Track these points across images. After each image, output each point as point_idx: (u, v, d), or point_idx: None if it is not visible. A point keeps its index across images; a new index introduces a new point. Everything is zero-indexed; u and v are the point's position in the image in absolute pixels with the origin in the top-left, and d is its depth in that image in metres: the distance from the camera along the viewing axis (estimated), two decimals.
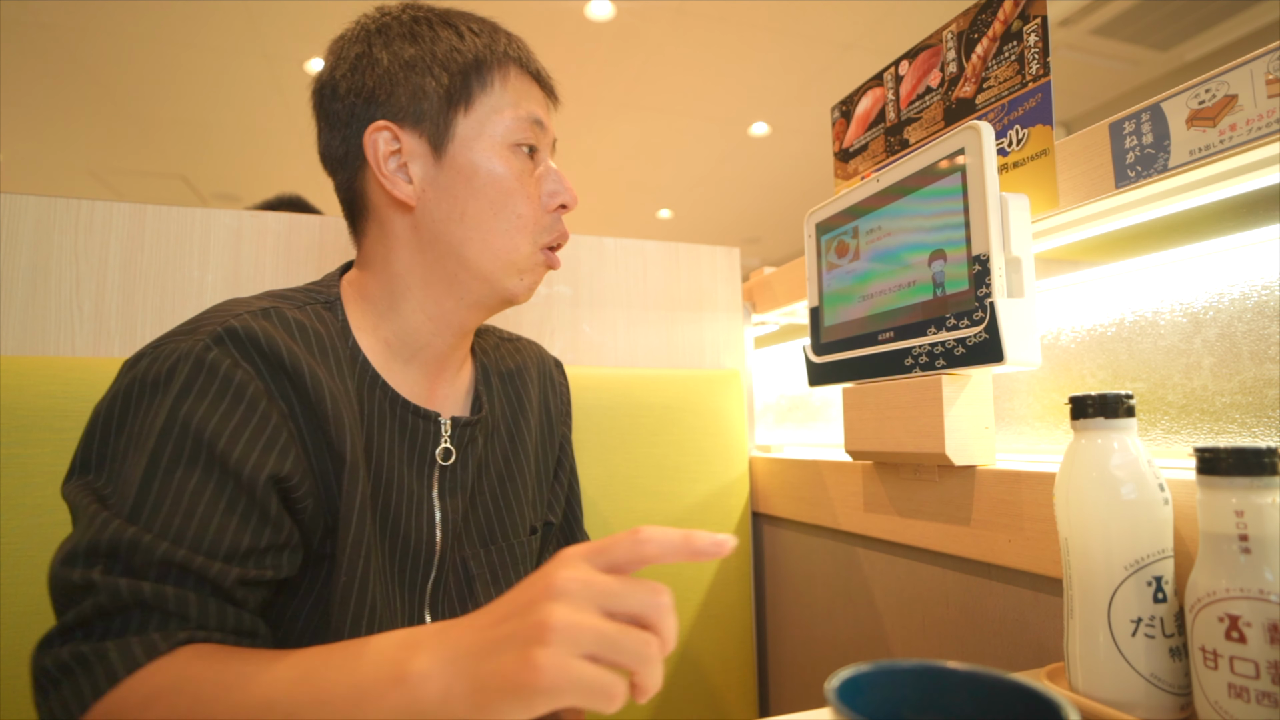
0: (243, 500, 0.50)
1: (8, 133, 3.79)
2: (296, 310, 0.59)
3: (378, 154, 0.60)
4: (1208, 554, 0.41)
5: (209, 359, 0.52)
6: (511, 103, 0.62)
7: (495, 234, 0.61)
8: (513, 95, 0.63)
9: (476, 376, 0.72)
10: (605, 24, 3.03)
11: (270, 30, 2.98)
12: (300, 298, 0.61)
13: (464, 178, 0.61)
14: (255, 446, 0.51)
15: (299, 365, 0.55)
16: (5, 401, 0.73)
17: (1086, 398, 0.48)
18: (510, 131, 0.62)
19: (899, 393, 0.71)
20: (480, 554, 0.67)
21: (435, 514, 0.64)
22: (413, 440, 0.63)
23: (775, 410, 1.27)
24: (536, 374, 0.79)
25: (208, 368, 0.51)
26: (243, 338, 0.54)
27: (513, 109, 0.62)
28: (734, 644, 1.03)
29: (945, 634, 0.73)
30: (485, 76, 0.62)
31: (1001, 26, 0.69)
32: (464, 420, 0.66)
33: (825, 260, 0.84)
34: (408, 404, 0.62)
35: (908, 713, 0.35)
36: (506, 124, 0.62)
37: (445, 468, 0.65)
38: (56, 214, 0.84)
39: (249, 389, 0.52)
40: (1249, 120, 0.49)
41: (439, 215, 0.61)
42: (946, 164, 0.66)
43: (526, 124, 0.63)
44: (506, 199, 0.61)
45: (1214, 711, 0.40)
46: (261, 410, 0.52)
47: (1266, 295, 0.56)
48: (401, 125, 0.60)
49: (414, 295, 0.63)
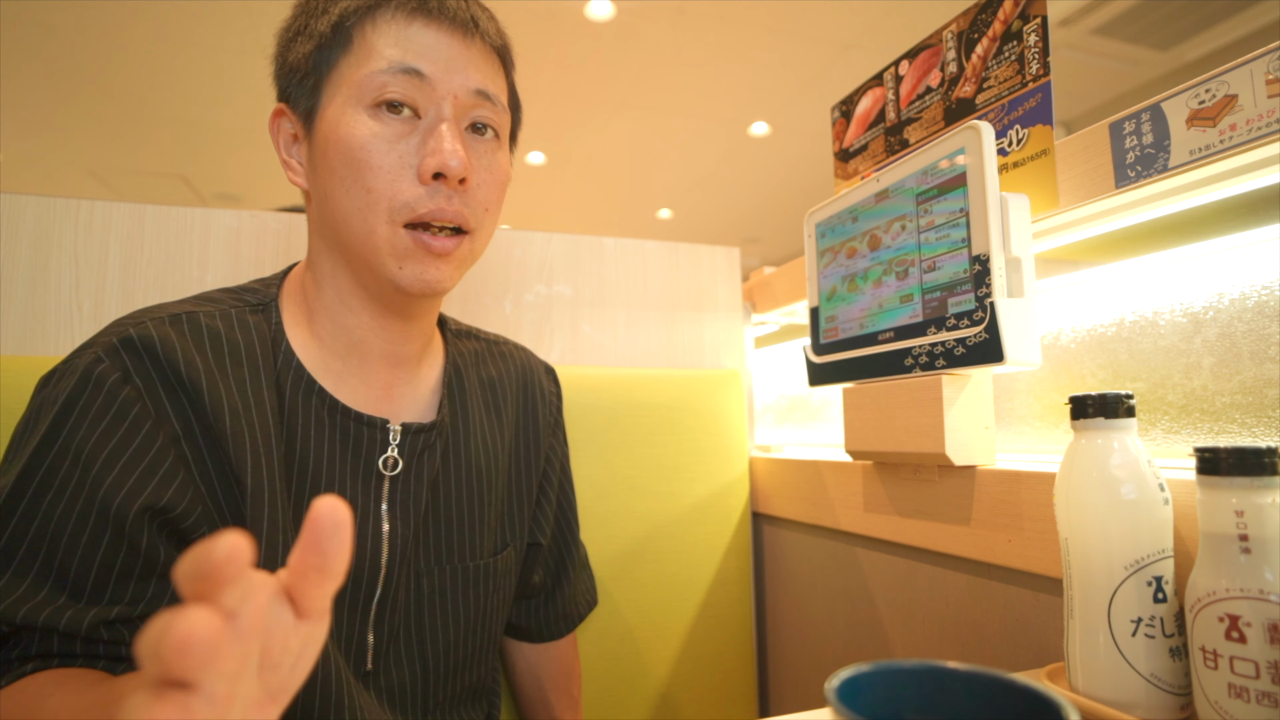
0: (108, 532, 0.48)
1: (8, 133, 3.79)
2: (216, 317, 0.56)
3: (279, 138, 0.58)
4: (1208, 554, 0.41)
5: (96, 373, 0.49)
6: (368, 56, 0.53)
7: (351, 212, 0.53)
8: (371, 46, 0.53)
9: (446, 381, 0.66)
10: (605, 24, 3.03)
11: (270, 30, 2.97)
12: (228, 301, 0.58)
13: (321, 152, 0.54)
14: (131, 474, 0.49)
15: (197, 380, 0.52)
16: (5, 401, 0.73)
17: (1086, 398, 0.48)
18: (364, 90, 0.52)
19: (899, 393, 0.71)
20: (435, 572, 0.63)
21: (383, 528, 0.59)
22: (355, 449, 0.58)
23: (775, 410, 1.27)
24: (517, 384, 0.75)
25: (94, 383, 0.49)
26: (139, 348, 0.51)
27: (368, 63, 0.52)
28: (734, 644, 1.03)
29: (945, 634, 0.73)
30: (350, 31, 0.53)
31: (1001, 26, 0.69)
32: (416, 427, 0.61)
33: (825, 260, 0.84)
34: (348, 410, 0.58)
35: (908, 713, 0.35)
36: (359, 82, 0.52)
37: (394, 478, 0.60)
38: (56, 214, 0.84)
39: (133, 409, 0.50)
40: (1249, 120, 0.49)
41: (319, 196, 0.56)
42: (946, 164, 0.66)
43: (388, 76, 0.52)
44: (354, 171, 0.52)
45: (1214, 711, 0.40)
46: (145, 432, 0.50)
47: (1266, 295, 0.56)
48: (291, 107, 0.57)
49: (329, 285, 0.58)
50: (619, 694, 0.95)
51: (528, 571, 0.77)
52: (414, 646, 0.63)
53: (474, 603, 0.66)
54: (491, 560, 0.67)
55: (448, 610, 0.64)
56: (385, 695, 0.61)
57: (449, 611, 0.64)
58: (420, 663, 0.63)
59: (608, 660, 0.95)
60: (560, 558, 0.81)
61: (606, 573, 0.95)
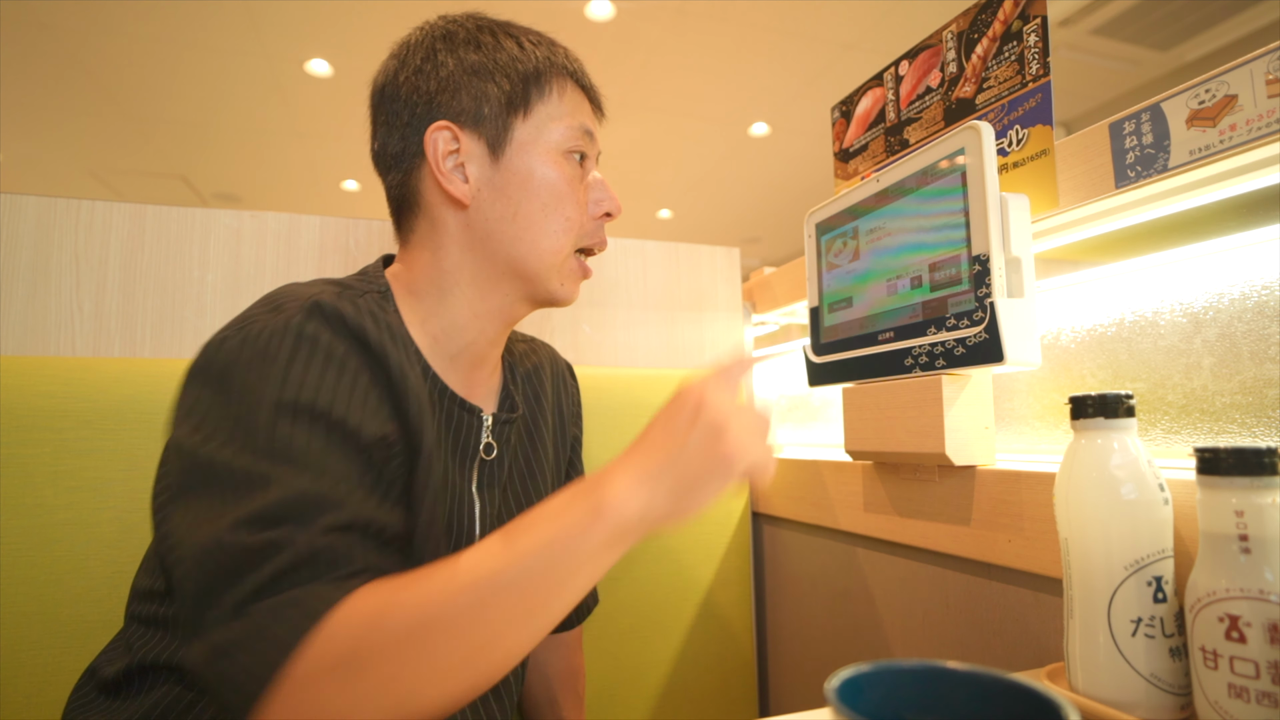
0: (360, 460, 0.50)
1: (8, 133, 3.79)
2: (363, 297, 0.59)
3: (437, 152, 0.61)
4: (1208, 554, 0.41)
5: (307, 330, 0.52)
6: (567, 112, 0.65)
7: (544, 234, 0.63)
8: (568, 105, 0.65)
9: (505, 375, 0.73)
10: (605, 24, 3.04)
11: (270, 30, 2.98)
12: (359, 286, 0.61)
13: (519, 179, 0.63)
14: (363, 410, 0.52)
15: (383, 346, 0.55)
16: (5, 401, 0.73)
17: (1086, 398, 0.48)
18: (565, 139, 0.64)
19: (899, 393, 0.71)
20: None
21: (475, 507, 0.65)
22: (457, 433, 0.64)
23: (775, 410, 1.27)
24: (550, 374, 0.80)
25: (308, 338, 0.52)
26: (330, 314, 0.54)
27: (568, 118, 0.65)
28: (734, 644, 1.03)
29: (945, 634, 0.73)
30: (544, 86, 0.64)
31: (1001, 26, 0.69)
32: (503, 417, 0.68)
33: (825, 260, 0.84)
34: (455, 397, 0.63)
35: (908, 713, 0.35)
36: (561, 131, 0.64)
37: (486, 462, 0.66)
38: (56, 214, 0.84)
39: (350, 359, 0.53)
40: (1249, 120, 0.49)
41: (492, 214, 0.63)
42: (946, 164, 0.66)
43: (579, 133, 0.65)
44: (558, 202, 0.64)
45: (1214, 711, 0.40)
46: (364, 380, 0.53)
47: (1266, 295, 0.56)
48: (462, 127, 0.62)
49: (462, 291, 0.64)
50: (619, 694, 0.95)
51: None
52: None
53: None
54: None
55: None
56: None
57: None
58: None
59: (608, 660, 0.95)
60: None
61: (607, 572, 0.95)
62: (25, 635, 0.71)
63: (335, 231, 0.95)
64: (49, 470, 0.73)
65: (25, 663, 0.71)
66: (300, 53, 3.16)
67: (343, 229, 0.96)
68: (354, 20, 2.94)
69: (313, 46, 3.11)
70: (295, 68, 3.25)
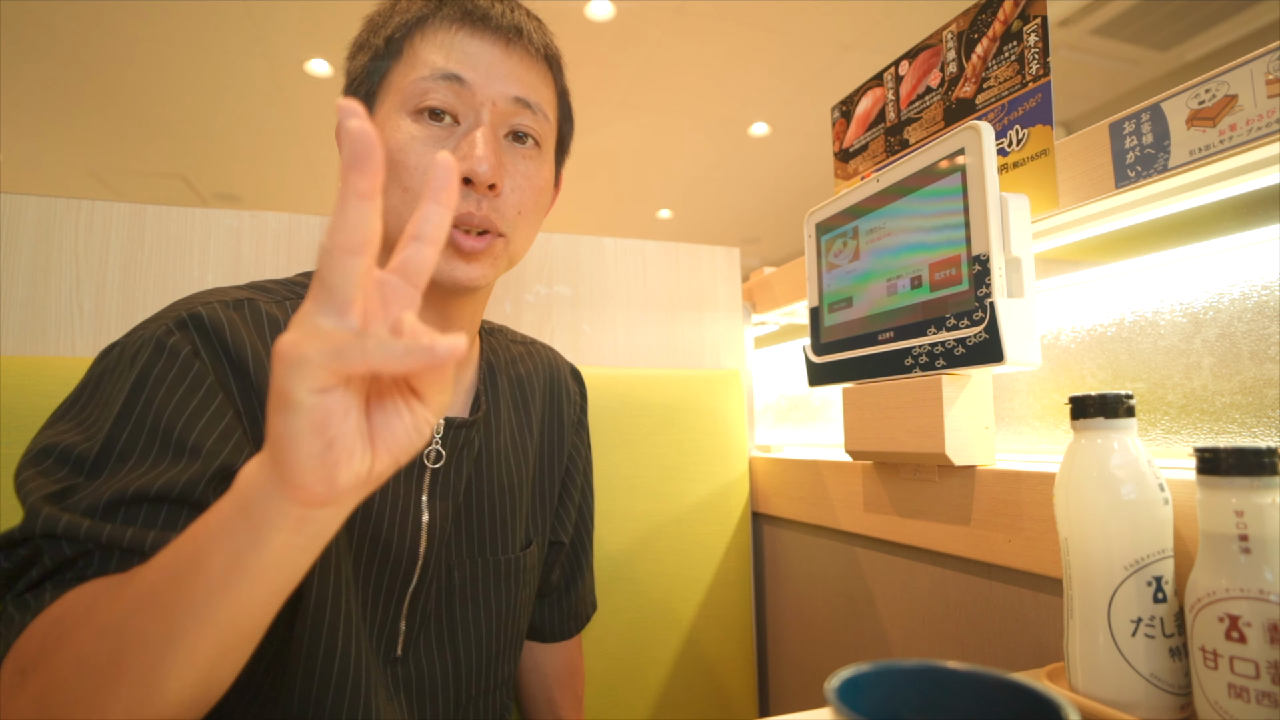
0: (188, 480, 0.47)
1: (8, 133, 3.79)
2: (274, 304, 0.57)
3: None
4: (1208, 554, 0.41)
5: (170, 343, 0.51)
6: (419, 62, 0.55)
7: (389, 212, 0.55)
8: (426, 52, 0.56)
9: (480, 376, 0.69)
10: (605, 24, 3.03)
11: (270, 31, 2.98)
12: (281, 291, 0.60)
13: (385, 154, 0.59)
14: (210, 434, 0.49)
15: (257, 364, 0.53)
16: (5, 401, 0.73)
17: (1086, 398, 0.48)
18: (408, 96, 0.55)
19: (899, 393, 0.71)
20: (466, 565, 0.65)
21: (423, 518, 0.61)
22: None
23: (775, 410, 1.27)
24: (544, 382, 0.77)
25: (168, 352, 0.50)
26: (206, 326, 0.52)
27: (416, 70, 0.55)
28: (734, 644, 1.03)
29: (945, 634, 0.73)
30: (401, 43, 0.57)
31: (1001, 26, 0.69)
32: (458, 421, 0.63)
33: (825, 260, 0.84)
34: None
35: (908, 713, 0.35)
36: (406, 89, 0.55)
37: (435, 470, 0.62)
38: (56, 214, 0.84)
39: (207, 378, 0.51)
40: (1249, 120, 0.49)
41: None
42: (946, 164, 0.66)
43: (430, 83, 0.54)
44: (394, 172, 0.55)
45: (1214, 711, 0.40)
46: (220, 401, 0.51)
47: (1266, 295, 0.56)
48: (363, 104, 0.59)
49: None
50: (619, 694, 0.95)
51: (548, 570, 0.79)
52: (444, 637, 0.64)
53: (504, 596, 0.67)
54: (520, 554, 0.69)
55: (479, 602, 0.65)
56: (415, 684, 0.62)
57: (480, 603, 0.66)
58: (451, 653, 0.64)
59: (608, 660, 0.95)
60: (577, 557, 0.82)
61: (607, 572, 0.95)
62: None
63: None
64: None
65: None
66: (300, 53, 3.15)
67: None
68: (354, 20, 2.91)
69: (313, 46, 3.11)
70: (295, 68, 3.25)
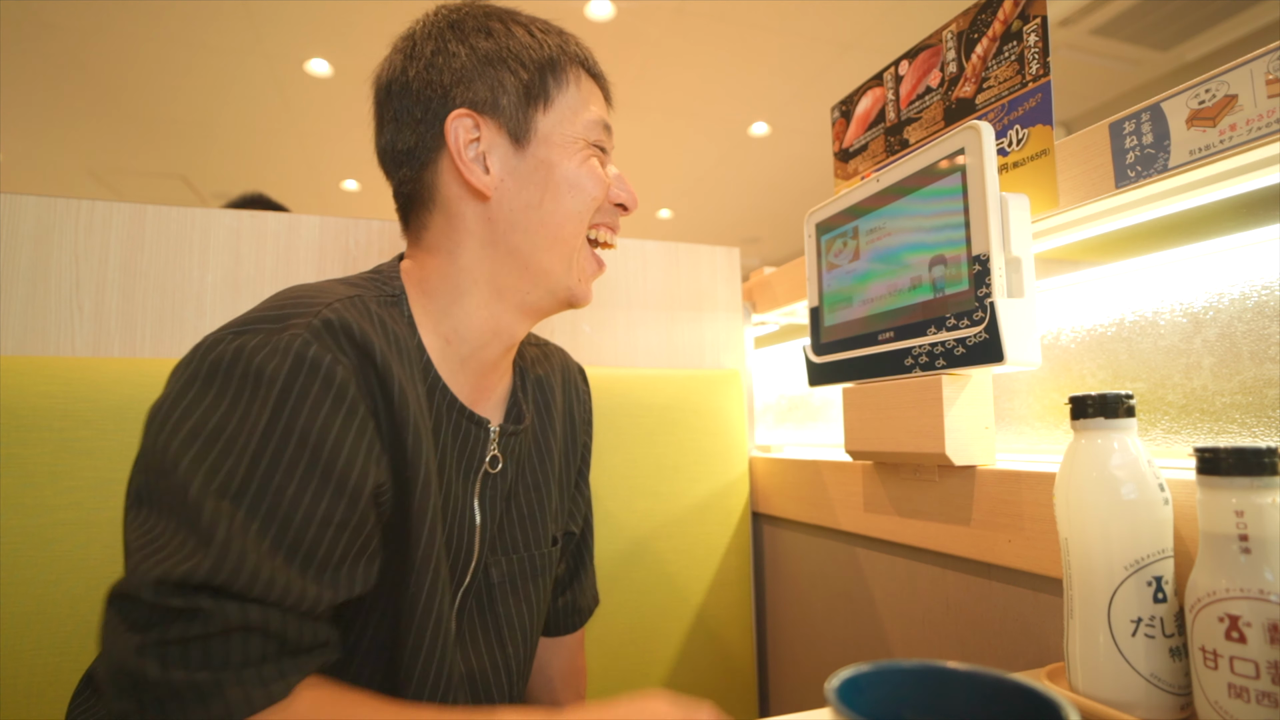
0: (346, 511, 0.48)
1: (8, 133, 3.79)
2: (376, 304, 0.57)
3: (459, 141, 0.59)
4: (1208, 554, 0.41)
5: (310, 355, 0.48)
6: (585, 104, 0.64)
7: (567, 220, 0.62)
8: (585, 97, 0.65)
9: (515, 383, 0.71)
10: (605, 24, 3.03)
11: (270, 30, 2.98)
12: (372, 290, 0.59)
13: (544, 171, 0.61)
14: (359, 454, 0.49)
15: (389, 365, 0.53)
16: (5, 401, 0.73)
17: (1086, 398, 0.48)
18: (586, 131, 0.64)
19: (899, 393, 0.71)
20: (501, 562, 0.66)
21: (475, 520, 0.63)
22: (463, 446, 0.62)
23: (775, 410, 1.27)
24: (561, 381, 0.78)
25: (309, 365, 0.48)
26: (339, 331, 0.51)
27: (587, 111, 0.64)
28: (734, 644, 1.03)
29: (945, 634, 0.73)
30: (560, 76, 0.63)
31: (1001, 26, 0.69)
32: (510, 429, 0.66)
33: (825, 260, 0.84)
34: (463, 409, 0.61)
35: (908, 713, 0.35)
36: (584, 124, 0.63)
37: (489, 475, 0.64)
38: (56, 214, 0.84)
39: (350, 390, 0.49)
40: (1249, 120, 0.49)
41: (516, 205, 0.61)
42: (946, 164, 0.66)
43: (598, 126, 0.64)
44: (580, 194, 0.62)
45: (1214, 711, 0.40)
46: (362, 414, 0.50)
47: (1266, 295, 0.56)
48: (481, 115, 0.60)
49: (478, 289, 0.62)
50: (620, 693, 0.95)
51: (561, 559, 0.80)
52: (491, 634, 0.66)
53: (539, 591, 0.70)
54: (550, 550, 0.71)
55: (520, 598, 0.68)
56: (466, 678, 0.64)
57: (521, 599, 0.68)
58: (500, 649, 0.66)
59: (608, 660, 0.95)
60: (580, 551, 0.83)
61: (607, 572, 0.95)
62: (25, 635, 0.71)
63: (335, 232, 0.95)
64: (49, 470, 0.73)
65: (25, 663, 0.71)
66: (300, 53, 3.15)
67: (342, 229, 0.96)
68: (354, 20, 2.94)
69: (313, 46, 3.11)
70: (295, 68, 3.25)
